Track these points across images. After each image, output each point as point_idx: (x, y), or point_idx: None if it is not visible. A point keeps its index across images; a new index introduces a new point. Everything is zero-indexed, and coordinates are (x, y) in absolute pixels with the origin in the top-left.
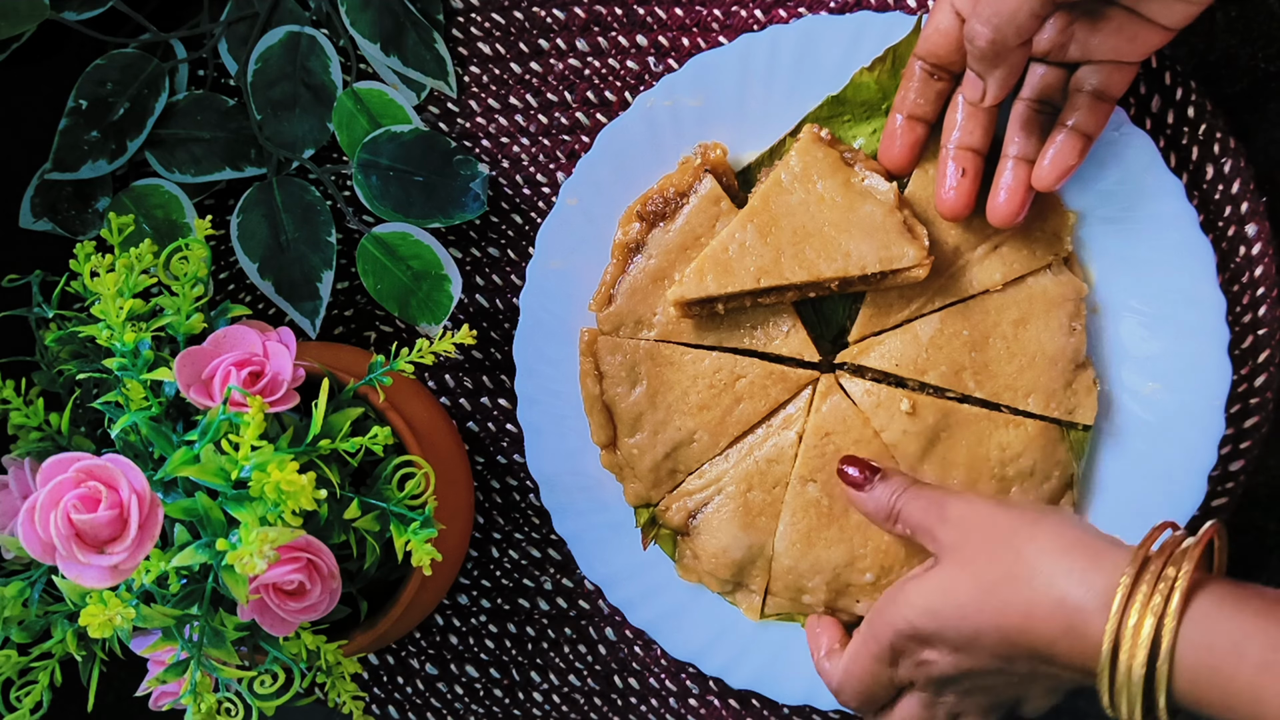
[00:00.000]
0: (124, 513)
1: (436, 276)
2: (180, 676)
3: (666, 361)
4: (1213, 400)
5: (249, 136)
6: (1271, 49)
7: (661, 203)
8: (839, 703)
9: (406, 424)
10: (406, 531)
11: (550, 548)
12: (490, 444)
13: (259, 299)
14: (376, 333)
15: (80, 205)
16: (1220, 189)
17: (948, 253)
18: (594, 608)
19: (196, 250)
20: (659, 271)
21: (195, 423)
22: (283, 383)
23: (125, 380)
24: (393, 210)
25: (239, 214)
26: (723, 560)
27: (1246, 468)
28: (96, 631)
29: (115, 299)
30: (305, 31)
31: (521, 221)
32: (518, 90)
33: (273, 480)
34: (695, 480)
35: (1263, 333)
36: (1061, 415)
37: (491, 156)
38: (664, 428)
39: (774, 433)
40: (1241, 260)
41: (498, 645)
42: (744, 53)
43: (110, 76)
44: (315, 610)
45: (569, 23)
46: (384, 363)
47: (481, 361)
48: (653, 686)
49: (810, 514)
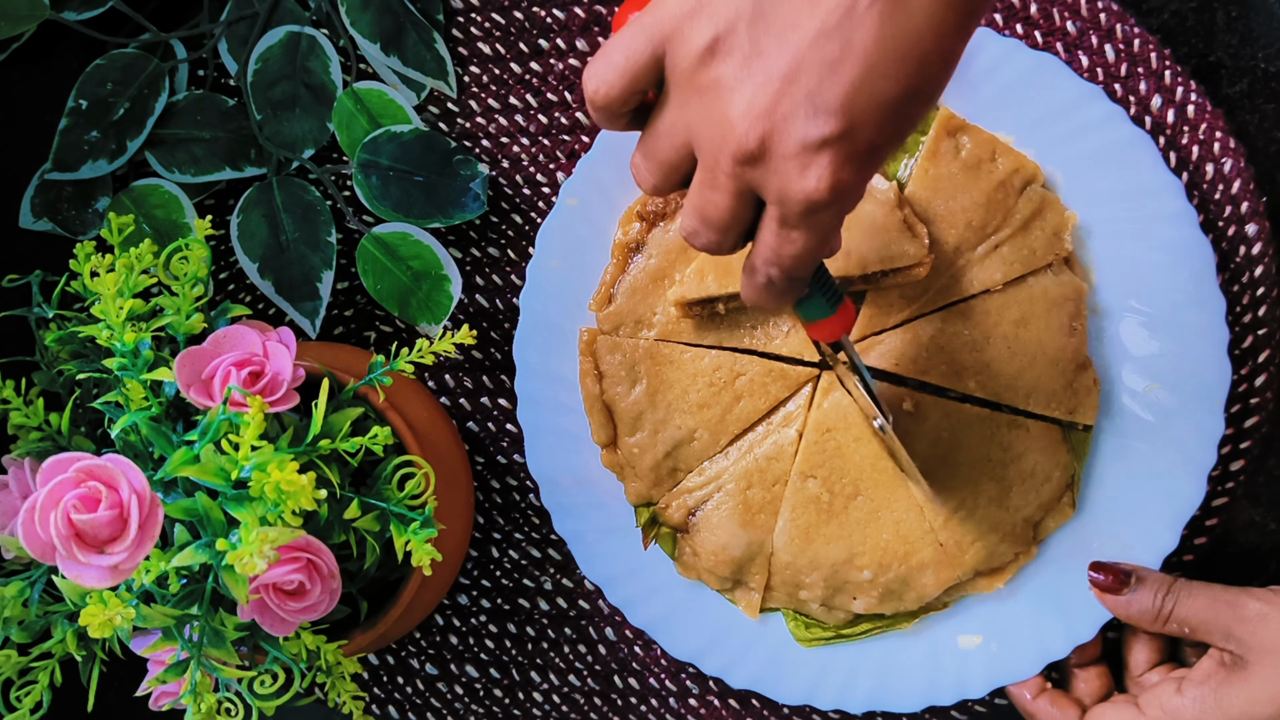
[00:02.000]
0: (124, 513)
1: (436, 276)
2: (180, 676)
3: (666, 360)
4: (1213, 400)
5: (249, 136)
6: (1271, 49)
7: (661, 203)
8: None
9: (406, 424)
10: (406, 531)
11: (550, 548)
12: (490, 444)
13: (259, 299)
14: (376, 333)
15: (80, 205)
16: (1220, 189)
17: (948, 252)
18: (594, 608)
19: (196, 250)
20: (659, 271)
21: (195, 423)
22: (283, 383)
23: (125, 380)
24: (393, 210)
25: (239, 214)
26: (722, 558)
27: (1246, 468)
28: (96, 631)
29: (115, 299)
30: (305, 31)
31: (521, 221)
32: (518, 90)
33: (273, 480)
34: (695, 478)
35: (1263, 333)
36: (1062, 415)
37: (491, 156)
38: (664, 426)
39: (774, 430)
40: (1241, 260)
41: (498, 645)
42: None
43: (110, 76)
44: (315, 610)
45: (569, 23)
46: (384, 363)
47: (481, 361)
48: (653, 686)
49: (809, 511)
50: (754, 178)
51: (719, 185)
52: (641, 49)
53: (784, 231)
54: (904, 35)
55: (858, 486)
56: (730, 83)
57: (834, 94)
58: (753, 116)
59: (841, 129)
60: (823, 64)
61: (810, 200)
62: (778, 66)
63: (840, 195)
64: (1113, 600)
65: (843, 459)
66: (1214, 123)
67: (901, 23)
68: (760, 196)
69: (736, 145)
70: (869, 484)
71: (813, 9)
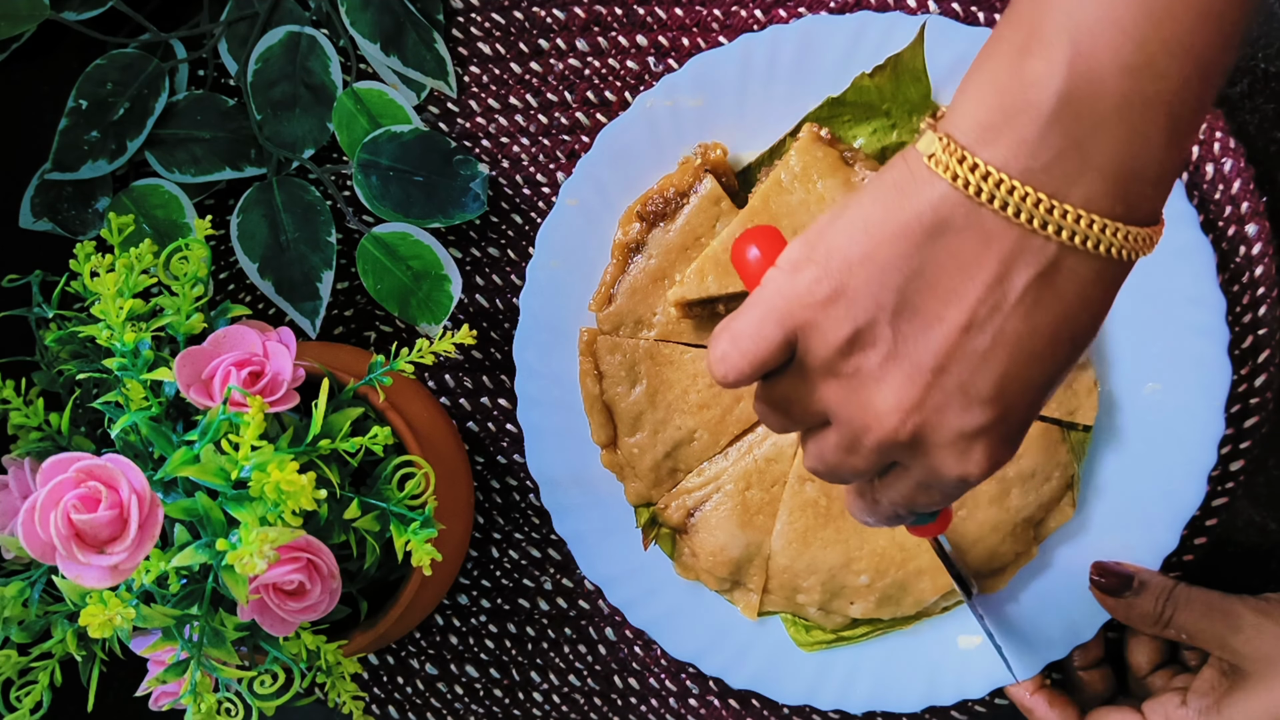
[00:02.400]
0: (124, 513)
1: (436, 276)
2: (180, 676)
3: (666, 360)
4: (1213, 400)
5: (249, 136)
6: (1271, 49)
7: (661, 203)
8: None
9: (406, 424)
10: (406, 531)
11: (550, 548)
12: (490, 444)
13: (259, 299)
14: (376, 333)
15: (80, 205)
16: (1220, 189)
17: None
18: (594, 608)
19: (196, 250)
20: (659, 271)
21: (195, 423)
22: (283, 383)
23: (125, 380)
24: (393, 210)
25: (239, 214)
26: (720, 558)
27: (1246, 468)
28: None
29: (115, 299)
30: (305, 31)
31: (521, 221)
32: (518, 90)
33: (273, 480)
34: (694, 478)
35: (1263, 333)
36: (1062, 416)
37: (491, 156)
38: (664, 427)
39: None
40: (1241, 260)
41: (498, 645)
42: (744, 53)
43: (110, 76)
44: (315, 610)
45: (569, 23)
46: (384, 363)
47: (481, 361)
48: (653, 686)
49: (807, 514)
50: (900, 456)
51: (859, 455)
52: (773, 337)
53: (924, 491)
54: (1055, 320)
55: None
56: (875, 374)
57: (987, 385)
58: (904, 411)
59: (996, 416)
60: (974, 355)
61: (964, 481)
62: (926, 360)
63: (993, 472)
64: (1112, 603)
65: None
66: (1214, 123)
67: (1053, 308)
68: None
69: (886, 434)
70: None
71: (959, 301)
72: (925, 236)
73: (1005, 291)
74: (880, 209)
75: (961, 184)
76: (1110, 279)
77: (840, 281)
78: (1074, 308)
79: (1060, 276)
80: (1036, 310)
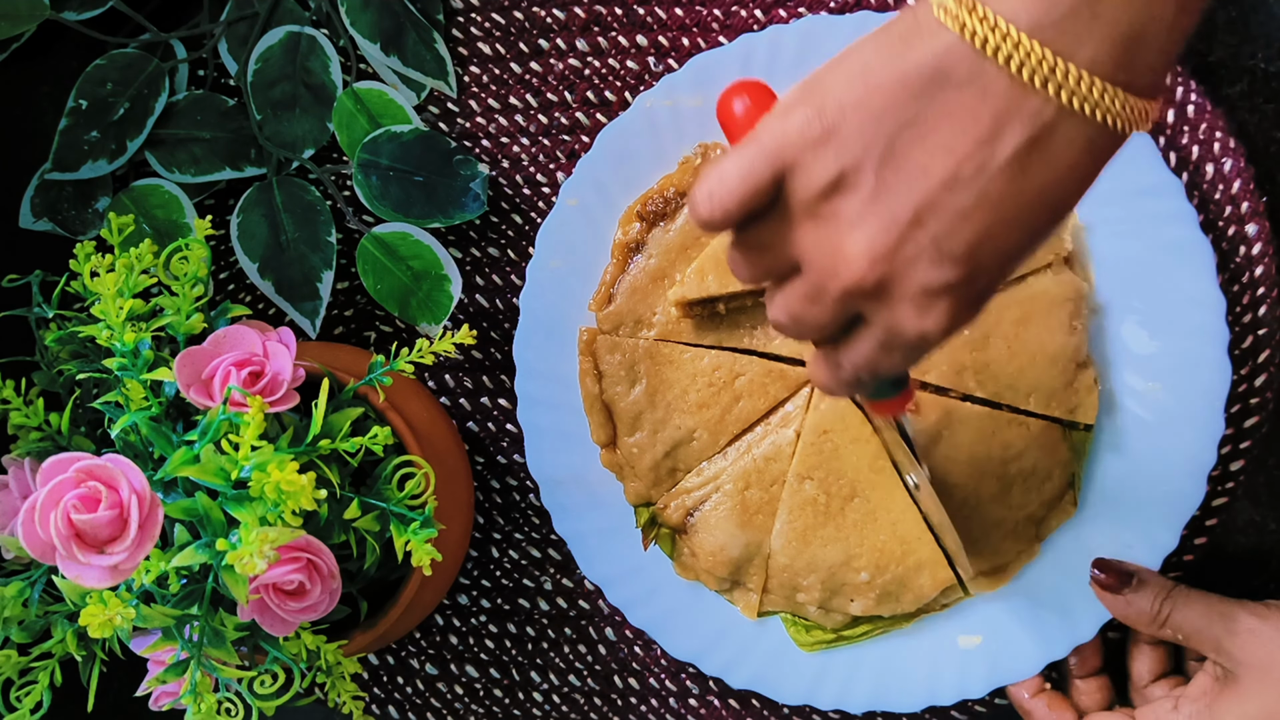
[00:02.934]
0: (124, 513)
1: (436, 276)
2: (180, 676)
3: (665, 360)
4: (1213, 400)
5: (249, 136)
6: (1271, 49)
7: (661, 203)
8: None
9: (406, 424)
10: (406, 531)
11: (550, 548)
12: (490, 444)
13: (259, 299)
14: (376, 333)
15: (80, 205)
16: (1220, 189)
17: None
18: (594, 608)
19: (196, 250)
20: (659, 271)
21: (195, 423)
22: (283, 383)
23: (125, 380)
24: (393, 210)
25: (239, 214)
26: (720, 558)
27: (1246, 468)
28: (96, 631)
29: (115, 299)
30: (305, 31)
31: (521, 221)
32: (518, 90)
33: (273, 480)
34: (693, 478)
35: (1263, 333)
36: (1063, 415)
37: (491, 156)
38: (664, 426)
39: (772, 430)
40: (1241, 260)
41: (498, 645)
42: (744, 53)
43: (110, 76)
44: (315, 610)
45: (569, 23)
46: (384, 363)
47: (481, 361)
48: (653, 686)
49: (807, 512)
50: (862, 306)
51: (822, 304)
52: (761, 173)
53: (884, 350)
54: (1040, 186)
55: (855, 488)
56: (851, 218)
57: (960, 243)
58: (872, 257)
59: (964, 276)
60: (953, 211)
61: (924, 338)
62: (903, 211)
63: (952, 333)
64: (1112, 599)
65: (839, 460)
66: (1214, 122)
67: (1040, 173)
68: (861, 315)
69: (852, 280)
70: (866, 485)
71: (947, 154)
72: (923, 87)
73: (994, 150)
74: (882, 57)
75: (969, 35)
76: (1100, 150)
77: (832, 123)
78: (1060, 175)
79: (1053, 141)
80: (1023, 174)
